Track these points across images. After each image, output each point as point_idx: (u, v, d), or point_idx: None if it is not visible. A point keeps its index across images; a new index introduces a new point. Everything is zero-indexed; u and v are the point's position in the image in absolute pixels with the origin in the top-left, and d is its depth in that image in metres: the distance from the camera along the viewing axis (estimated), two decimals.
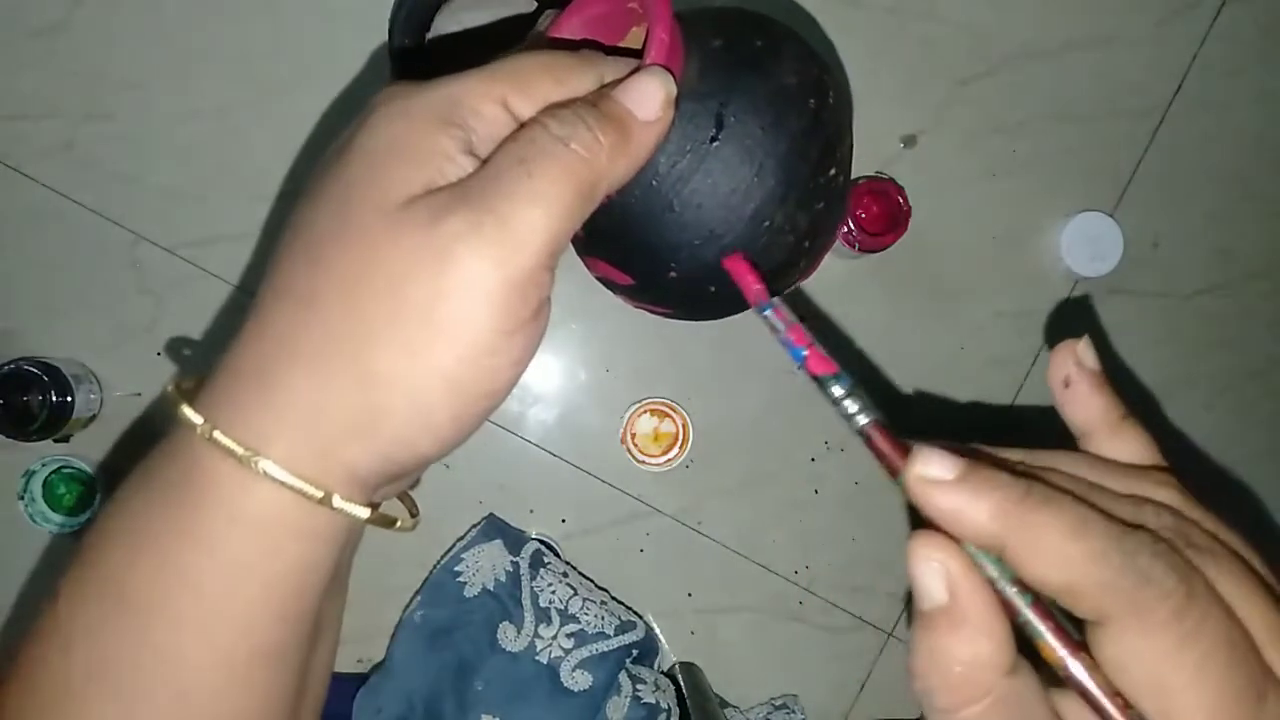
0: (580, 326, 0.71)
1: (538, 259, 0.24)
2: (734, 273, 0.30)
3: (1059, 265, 0.72)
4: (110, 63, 0.67)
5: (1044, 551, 0.20)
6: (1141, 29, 0.72)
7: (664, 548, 0.72)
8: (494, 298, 0.24)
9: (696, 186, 0.35)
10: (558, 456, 0.71)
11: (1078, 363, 0.26)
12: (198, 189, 0.68)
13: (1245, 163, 0.74)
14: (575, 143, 0.25)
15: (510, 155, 0.25)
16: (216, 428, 0.24)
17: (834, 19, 0.70)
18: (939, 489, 0.21)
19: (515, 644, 0.66)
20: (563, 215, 0.25)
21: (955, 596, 0.21)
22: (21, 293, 0.68)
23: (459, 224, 0.24)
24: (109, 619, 0.24)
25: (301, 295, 0.25)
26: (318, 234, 0.25)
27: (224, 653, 0.24)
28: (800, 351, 0.28)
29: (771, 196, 0.36)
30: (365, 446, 0.24)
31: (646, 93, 0.28)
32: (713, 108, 0.35)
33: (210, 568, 0.24)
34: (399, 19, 0.58)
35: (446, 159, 0.25)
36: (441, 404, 0.24)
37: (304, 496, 0.24)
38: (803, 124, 0.37)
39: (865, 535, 0.73)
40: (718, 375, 0.71)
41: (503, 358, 0.25)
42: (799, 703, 0.73)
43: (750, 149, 0.35)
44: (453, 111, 0.25)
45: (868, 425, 0.25)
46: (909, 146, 0.71)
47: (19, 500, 0.66)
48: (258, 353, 0.25)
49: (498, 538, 0.69)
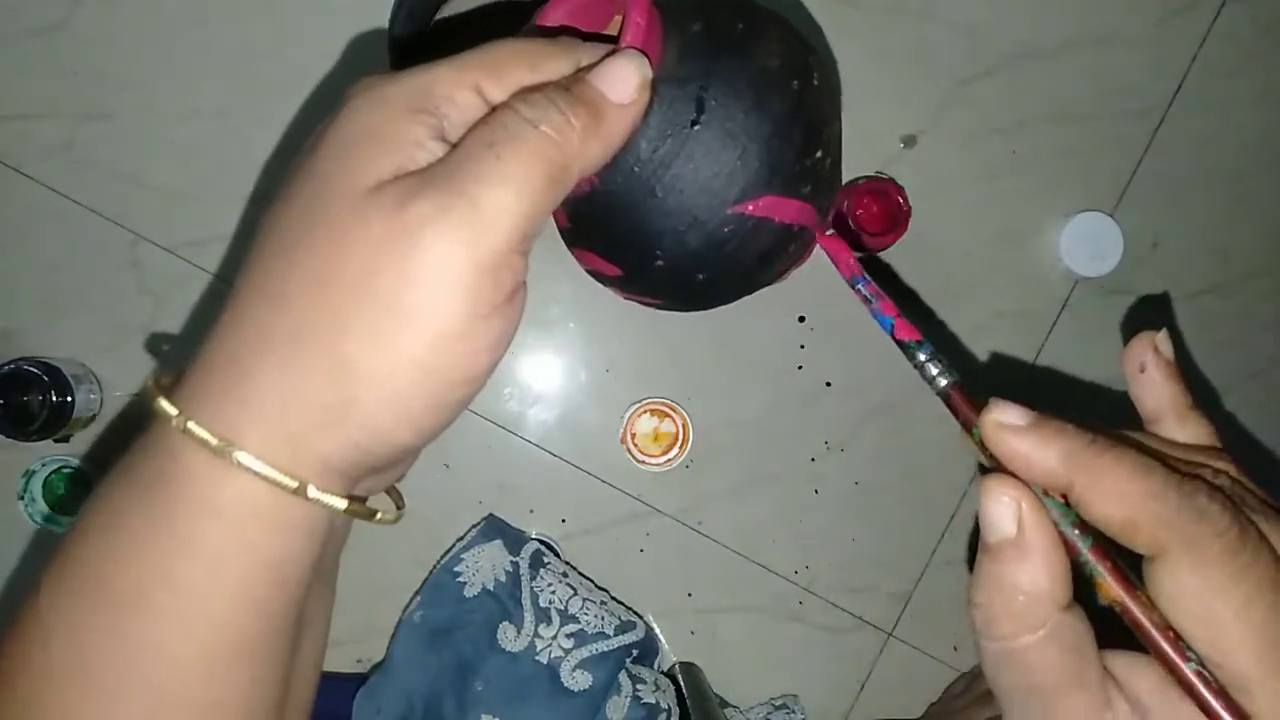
0: (580, 326, 0.71)
1: (508, 241, 0.24)
2: (828, 248, 0.32)
3: (1059, 265, 0.72)
4: (110, 63, 0.67)
5: (1107, 490, 0.22)
6: (1141, 29, 0.72)
7: (664, 548, 0.72)
8: (464, 282, 0.24)
9: (678, 171, 0.35)
10: (558, 456, 0.71)
11: (1155, 350, 0.28)
12: (198, 189, 0.68)
13: (1245, 163, 0.74)
14: (545, 125, 0.25)
15: (479, 139, 0.25)
16: (191, 419, 0.24)
17: (833, 19, 0.70)
18: (1014, 433, 0.23)
19: (515, 644, 0.66)
20: (532, 197, 0.25)
21: (1023, 529, 0.23)
22: (21, 293, 0.68)
23: (426, 207, 0.23)
24: (88, 613, 0.24)
25: (272, 286, 0.25)
26: (288, 224, 0.25)
27: (202, 646, 0.24)
28: (889, 320, 0.30)
29: (755, 181, 0.36)
30: (338, 436, 0.24)
31: (620, 75, 0.28)
32: (693, 91, 0.35)
33: (187, 561, 0.24)
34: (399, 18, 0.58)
35: (417, 145, 0.25)
36: (415, 391, 0.24)
37: (279, 487, 0.24)
38: (786, 106, 0.36)
39: (865, 535, 0.73)
40: (718, 375, 0.71)
41: (477, 342, 0.25)
42: (799, 703, 0.73)
43: (732, 132, 0.35)
44: (425, 99, 0.25)
45: (948, 386, 0.27)
46: (909, 146, 0.71)
47: (19, 500, 0.66)
48: (231, 346, 0.25)
49: (497, 538, 0.69)
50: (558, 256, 0.56)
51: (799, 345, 0.71)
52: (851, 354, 0.72)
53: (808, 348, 0.71)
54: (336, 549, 0.31)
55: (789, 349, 0.72)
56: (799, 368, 0.72)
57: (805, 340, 0.71)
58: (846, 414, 0.72)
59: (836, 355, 0.72)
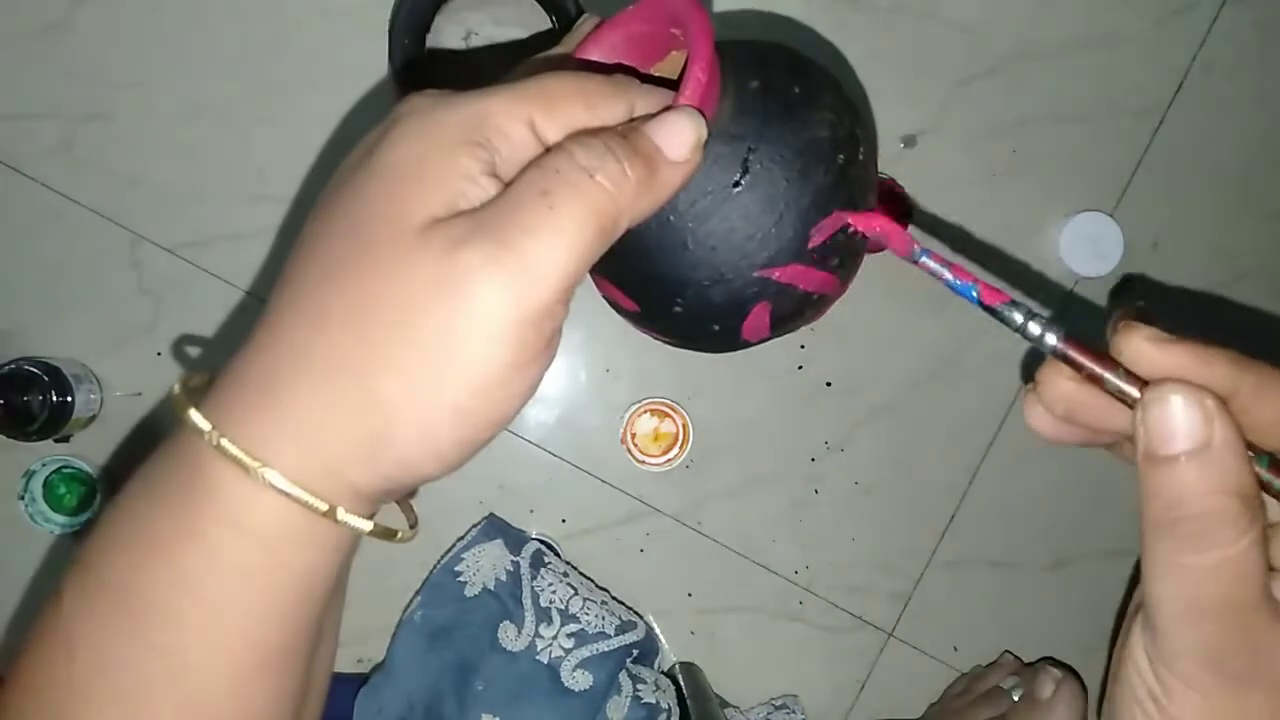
0: (580, 327, 0.71)
1: (555, 295, 0.24)
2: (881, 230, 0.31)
3: (1059, 265, 0.72)
4: (110, 63, 0.67)
5: (1274, 392, 0.22)
6: (1141, 29, 0.72)
7: (664, 548, 0.72)
8: (508, 333, 0.23)
9: (713, 229, 0.35)
10: (558, 456, 0.71)
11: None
12: (198, 189, 0.68)
13: (1245, 163, 0.74)
14: (601, 175, 0.25)
15: (533, 185, 0.24)
16: (224, 436, 0.24)
17: (834, 19, 0.70)
18: (1173, 345, 0.23)
19: (516, 644, 0.66)
20: (582, 252, 0.24)
21: (1218, 430, 0.22)
22: (21, 293, 0.68)
23: (476, 256, 0.23)
24: (112, 622, 0.24)
25: (312, 312, 0.24)
26: (332, 250, 0.25)
27: (228, 658, 0.24)
28: (971, 288, 0.28)
29: (787, 249, 0.36)
30: (369, 468, 0.24)
31: (678, 132, 0.27)
32: (740, 152, 0.35)
33: (215, 574, 0.24)
34: (400, 18, 0.58)
35: (468, 180, 0.24)
36: (447, 433, 0.24)
37: (308, 509, 0.24)
38: (829, 179, 0.36)
39: (865, 535, 0.73)
40: (718, 375, 0.71)
41: (513, 389, 0.25)
42: (799, 703, 0.73)
43: (773, 199, 0.35)
44: (477, 131, 0.25)
45: (1060, 341, 0.26)
46: (909, 146, 0.71)
47: (19, 500, 0.66)
48: (266, 364, 0.25)
49: (498, 537, 0.69)
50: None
51: (799, 345, 0.71)
52: (851, 354, 0.72)
53: (808, 348, 0.71)
54: (350, 559, 0.31)
55: (789, 349, 0.72)
56: (799, 368, 0.72)
57: (805, 340, 0.71)
58: (846, 414, 0.72)
59: (836, 355, 0.72)
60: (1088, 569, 0.75)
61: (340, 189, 0.26)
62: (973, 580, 0.75)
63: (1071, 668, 0.71)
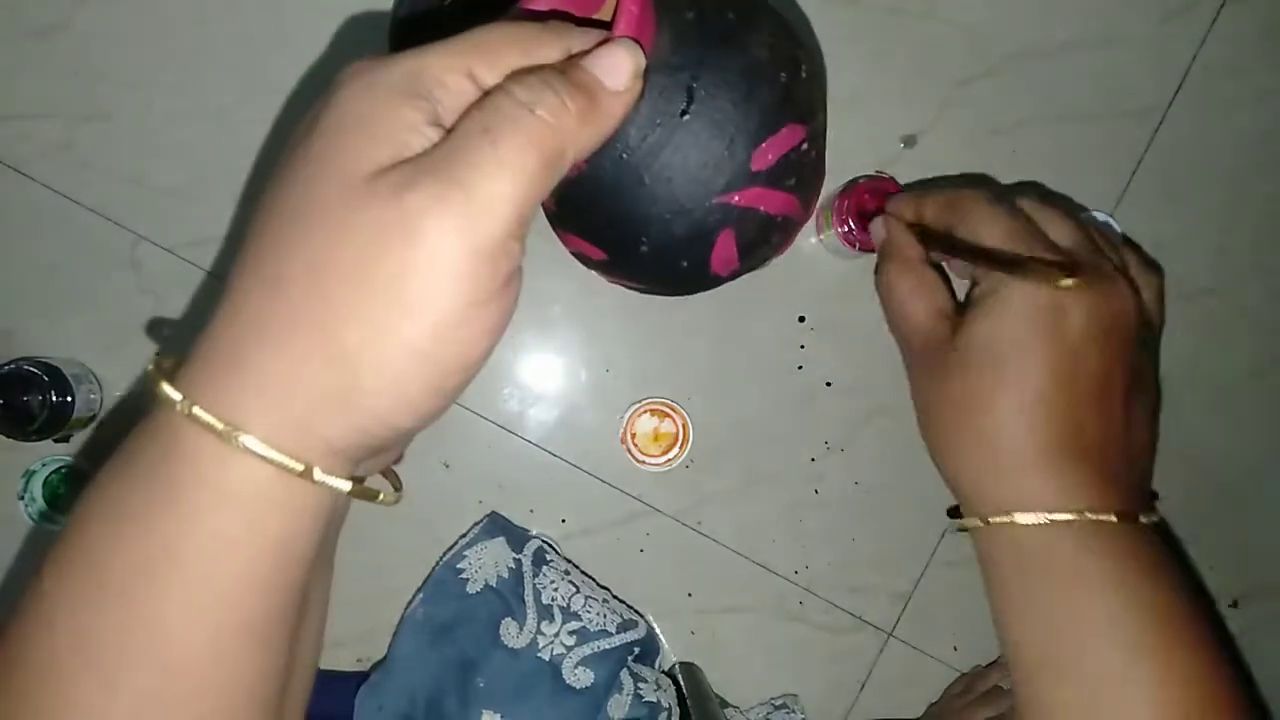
0: (580, 326, 0.71)
1: (505, 228, 0.24)
2: None
3: None
4: (110, 63, 0.67)
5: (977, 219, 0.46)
6: (1141, 29, 0.72)
7: (664, 548, 0.72)
8: (462, 270, 0.24)
9: (667, 160, 0.35)
10: (558, 456, 0.71)
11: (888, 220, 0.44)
12: (198, 189, 0.68)
13: (1245, 163, 0.74)
14: (541, 109, 0.25)
15: (474, 123, 0.25)
16: (195, 404, 0.24)
17: (833, 19, 0.69)
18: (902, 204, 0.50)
19: (517, 641, 0.66)
20: (529, 184, 0.24)
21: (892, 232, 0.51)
22: (21, 293, 0.68)
23: (423, 197, 0.23)
24: (92, 594, 0.25)
25: (269, 274, 0.25)
26: (283, 211, 0.25)
27: (208, 626, 0.24)
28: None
29: (742, 172, 0.36)
30: (341, 420, 0.24)
31: (615, 62, 0.27)
32: (683, 81, 0.35)
33: (193, 542, 0.24)
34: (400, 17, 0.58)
35: (411, 131, 0.25)
36: (415, 378, 0.24)
37: (284, 470, 0.24)
38: (775, 98, 0.36)
39: (865, 535, 0.73)
40: (718, 375, 0.71)
41: (475, 328, 0.25)
42: (799, 703, 0.73)
43: (721, 123, 0.35)
44: (417, 83, 0.25)
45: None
46: (909, 146, 0.71)
47: (19, 500, 0.66)
48: (230, 333, 0.25)
49: (500, 535, 0.69)
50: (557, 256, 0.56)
51: (799, 345, 0.72)
52: (851, 354, 0.72)
53: (808, 348, 0.72)
54: (336, 528, 0.31)
55: (789, 349, 0.72)
56: (799, 368, 0.72)
57: (805, 340, 0.71)
58: (846, 414, 0.72)
59: (836, 355, 0.72)
60: None
61: (288, 154, 0.26)
62: (973, 580, 0.74)
63: None
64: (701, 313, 0.70)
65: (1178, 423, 0.75)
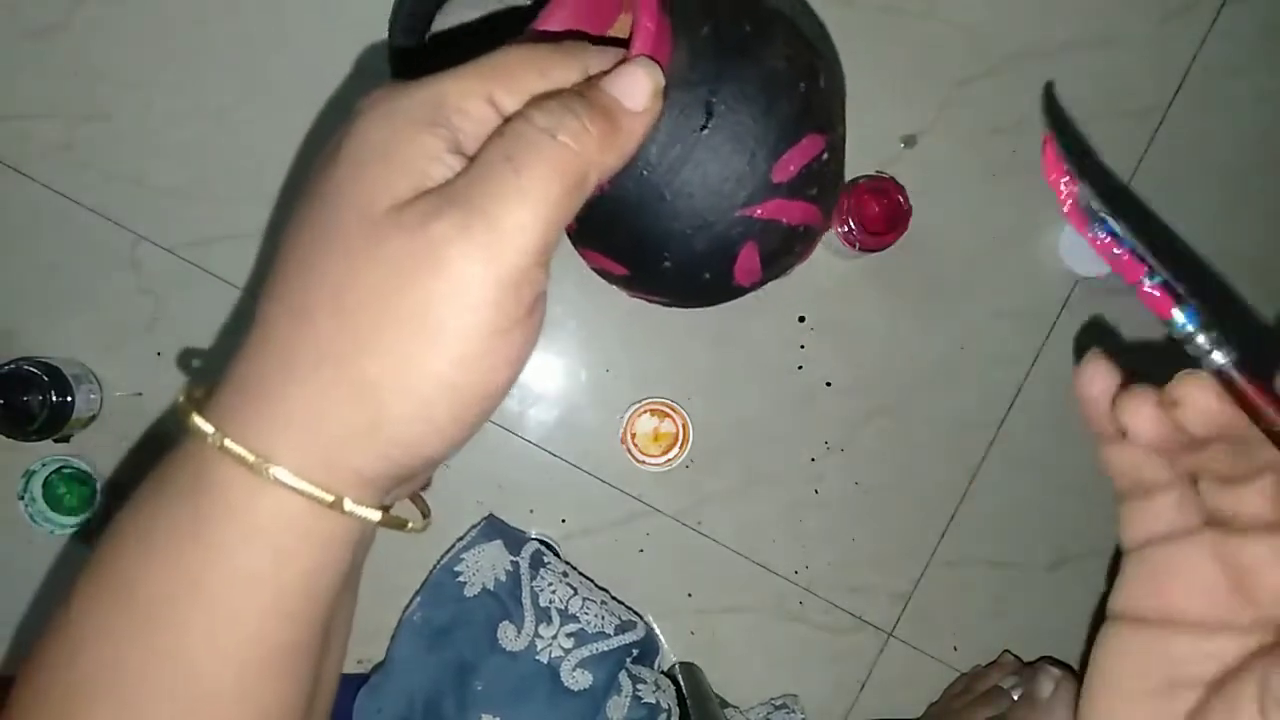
0: (580, 326, 0.71)
1: (530, 257, 0.24)
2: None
3: (1059, 265, 0.72)
4: (110, 63, 0.67)
5: None
6: (1141, 29, 0.72)
7: (664, 548, 0.72)
8: (487, 300, 0.24)
9: (688, 176, 0.35)
10: (558, 456, 0.71)
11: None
12: (198, 189, 0.68)
13: (1245, 163, 0.74)
14: (563, 134, 0.25)
15: (496, 152, 0.24)
16: (227, 436, 0.24)
17: (833, 19, 0.70)
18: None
19: (515, 644, 0.66)
20: (553, 211, 0.24)
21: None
22: (21, 293, 0.68)
23: (447, 227, 0.23)
24: (118, 623, 0.24)
25: (295, 306, 0.25)
26: (308, 243, 0.25)
27: (233, 660, 0.24)
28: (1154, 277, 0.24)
29: (764, 184, 0.36)
30: (369, 450, 0.24)
31: (634, 82, 0.27)
32: (702, 96, 0.34)
33: (221, 574, 0.24)
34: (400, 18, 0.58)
35: (433, 160, 0.25)
36: (441, 408, 0.24)
37: (315, 501, 0.24)
38: (795, 108, 0.36)
39: (865, 535, 0.73)
40: (718, 375, 0.71)
41: (499, 357, 0.25)
42: (799, 703, 0.73)
43: (741, 136, 0.35)
44: (437, 112, 0.25)
45: (1228, 363, 0.23)
46: (909, 146, 0.71)
47: (19, 500, 0.66)
48: (258, 364, 0.25)
49: (498, 538, 0.69)
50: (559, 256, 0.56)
51: (799, 345, 0.71)
52: (851, 354, 0.72)
53: (808, 348, 0.71)
54: (362, 557, 0.31)
55: (789, 349, 0.72)
56: (799, 368, 0.72)
57: (805, 340, 0.71)
58: (846, 414, 0.72)
59: (836, 355, 0.72)
60: (1088, 569, 0.75)
61: (311, 185, 0.26)
62: (973, 580, 0.75)
63: (1071, 667, 0.71)
64: (701, 313, 0.70)
65: None
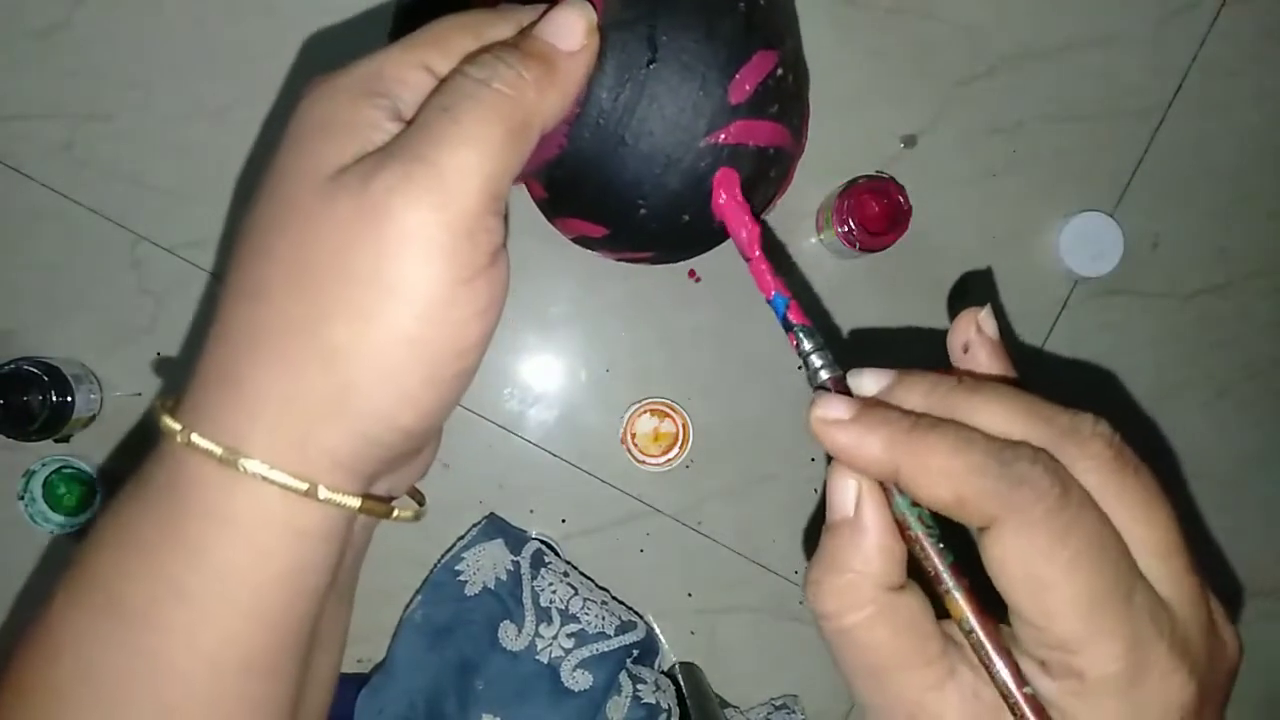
0: (580, 326, 0.71)
1: (477, 200, 0.24)
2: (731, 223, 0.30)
3: (1059, 265, 0.72)
4: (110, 63, 0.67)
5: (931, 470, 0.22)
6: (1141, 29, 0.72)
7: (664, 548, 0.72)
8: (440, 245, 0.23)
9: (644, 114, 0.35)
10: (558, 456, 0.71)
11: (978, 330, 0.29)
12: (198, 189, 0.68)
13: (1245, 163, 0.74)
14: (497, 82, 0.25)
15: (434, 106, 0.25)
16: (195, 432, 0.23)
17: (833, 19, 0.69)
18: (837, 428, 0.24)
19: (516, 643, 0.66)
20: (496, 154, 0.24)
21: (860, 511, 0.24)
22: (21, 293, 0.68)
23: (389, 178, 0.23)
24: (97, 626, 0.24)
25: (253, 288, 0.25)
26: (259, 227, 0.25)
27: (212, 662, 0.24)
28: (784, 302, 0.29)
29: (722, 107, 0.36)
30: (341, 427, 0.24)
31: (565, 23, 0.28)
32: (643, 31, 0.34)
33: (198, 574, 0.24)
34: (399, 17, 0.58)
35: (374, 128, 0.25)
36: (410, 368, 0.24)
37: (289, 491, 0.23)
38: (737, 27, 0.36)
39: None
40: (718, 375, 0.71)
41: (464, 309, 0.24)
42: (799, 703, 0.73)
43: (689, 64, 0.35)
44: (375, 83, 0.25)
45: (828, 379, 0.27)
46: (909, 146, 0.71)
47: (19, 500, 0.66)
48: (223, 353, 0.25)
49: (499, 537, 0.69)
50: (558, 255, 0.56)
51: None
52: (851, 354, 0.72)
53: None
54: (355, 561, 0.30)
55: (789, 349, 0.71)
56: (799, 368, 0.72)
57: None
58: None
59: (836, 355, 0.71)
60: None
61: (263, 172, 0.26)
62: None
63: None
64: (701, 313, 0.70)
65: (1176, 423, 0.75)
